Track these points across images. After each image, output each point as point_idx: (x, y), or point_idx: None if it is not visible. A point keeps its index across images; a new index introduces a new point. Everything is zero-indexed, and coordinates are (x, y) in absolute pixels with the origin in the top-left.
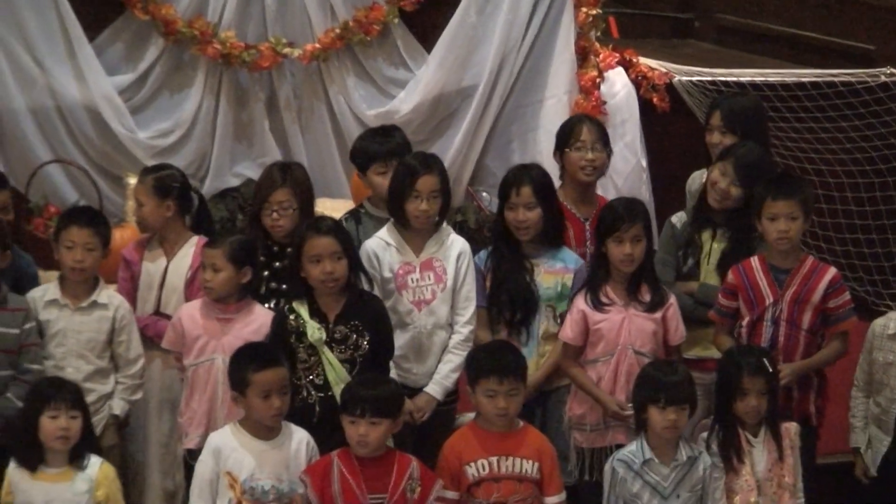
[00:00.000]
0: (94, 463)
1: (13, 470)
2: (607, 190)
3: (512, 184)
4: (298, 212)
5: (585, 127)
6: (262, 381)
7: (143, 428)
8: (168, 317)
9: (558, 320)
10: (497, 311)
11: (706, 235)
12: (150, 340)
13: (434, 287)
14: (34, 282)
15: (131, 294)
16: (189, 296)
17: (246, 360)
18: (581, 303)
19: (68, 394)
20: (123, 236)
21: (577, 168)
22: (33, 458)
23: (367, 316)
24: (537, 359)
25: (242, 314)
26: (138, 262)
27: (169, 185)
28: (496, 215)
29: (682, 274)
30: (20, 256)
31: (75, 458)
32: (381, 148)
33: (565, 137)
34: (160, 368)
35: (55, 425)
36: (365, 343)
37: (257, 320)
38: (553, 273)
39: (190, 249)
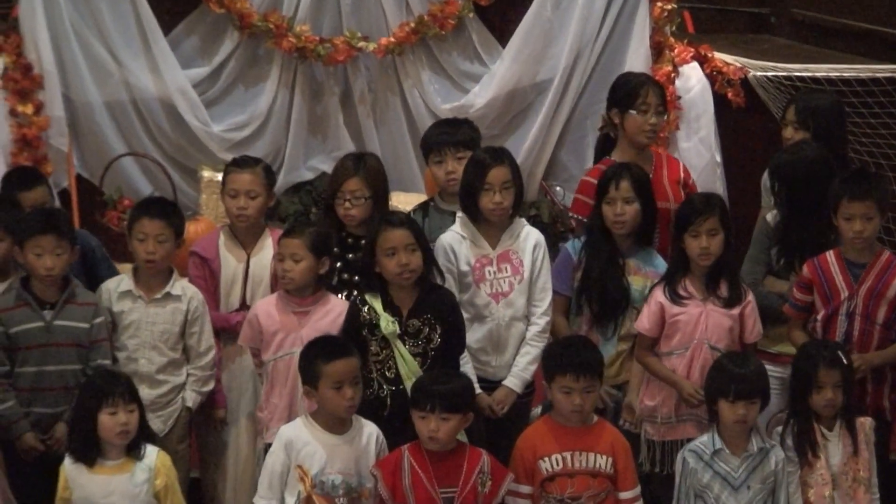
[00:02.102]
0: (151, 452)
1: (69, 466)
2: None
3: (611, 178)
4: (371, 202)
5: (651, 89)
6: (333, 372)
7: (235, 421)
8: None
9: None
10: (582, 303)
11: None
12: None
13: (511, 279)
14: (105, 263)
15: (210, 291)
16: (277, 287)
17: (316, 353)
18: (659, 294)
19: (124, 388)
20: (197, 229)
21: (639, 131)
22: (92, 454)
23: (439, 310)
24: (615, 357)
25: (319, 305)
26: (215, 257)
27: (273, 177)
28: (593, 209)
29: (775, 272)
30: (85, 238)
31: (132, 449)
32: (437, 139)
33: (628, 97)
34: (250, 362)
35: (115, 421)
36: (437, 337)
37: (334, 310)
38: (643, 276)
39: (268, 240)
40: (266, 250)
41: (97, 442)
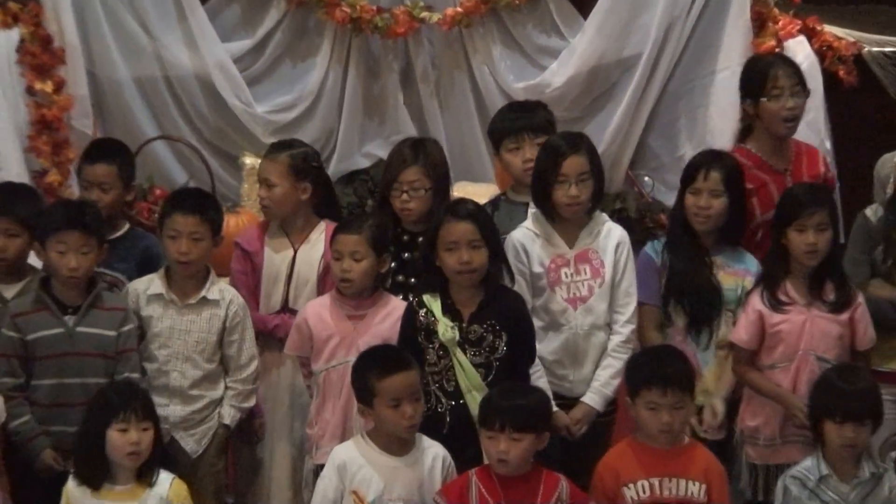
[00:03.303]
0: (165, 479)
1: (73, 488)
2: None
3: (700, 165)
4: (431, 193)
5: (781, 70)
6: (390, 387)
7: (270, 437)
8: None
9: None
10: (671, 311)
11: None
12: (281, 342)
13: (591, 282)
14: (163, 262)
15: (251, 289)
16: (323, 289)
17: (369, 366)
18: (757, 302)
19: (138, 403)
20: (238, 223)
21: (776, 119)
22: (98, 476)
23: (505, 315)
24: (715, 368)
25: (377, 308)
26: (259, 251)
27: (307, 164)
28: (675, 202)
29: (881, 274)
30: (144, 237)
31: (144, 474)
32: (513, 123)
33: (756, 84)
34: (291, 373)
35: (125, 439)
36: (502, 345)
37: (394, 313)
38: (734, 274)
39: (320, 236)
40: (315, 246)
41: (105, 463)
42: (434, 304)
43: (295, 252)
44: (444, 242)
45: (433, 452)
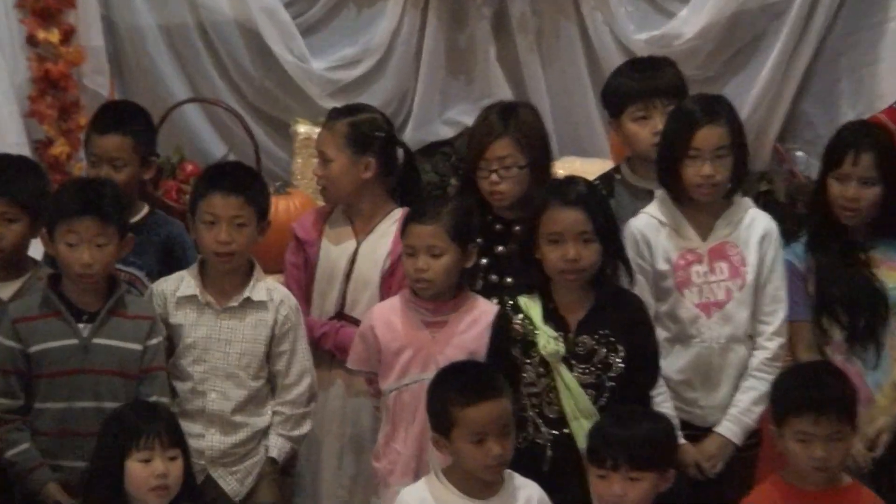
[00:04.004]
0: None
1: None
2: None
3: (848, 145)
4: (527, 172)
5: None
6: (473, 419)
7: (314, 476)
8: (356, 322)
9: None
10: (825, 324)
11: None
12: (330, 355)
13: (729, 284)
14: (191, 253)
15: (303, 287)
16: (387, 292)
17: (448, 390)
18: None
19: (162, 425)
20: (289, 207)
21: None
22: None
23: (622, 323)
24: (891, 391)
25: (462, 313)
26: (315, 241)
27: (370, 133)
28: (815, 186)
29: None
30: (167, 224)
31: None
32: (638, 85)
33: None
34: (342, 394)
35: (149, 471)
36: (618, 361)
37: (483, 319)
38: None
39: (391, 227)
40: (382, 238)
41: (123, 500)
42: (533, 309)
43: (358, 245)
44: (547, 233)
45: (526, 495)
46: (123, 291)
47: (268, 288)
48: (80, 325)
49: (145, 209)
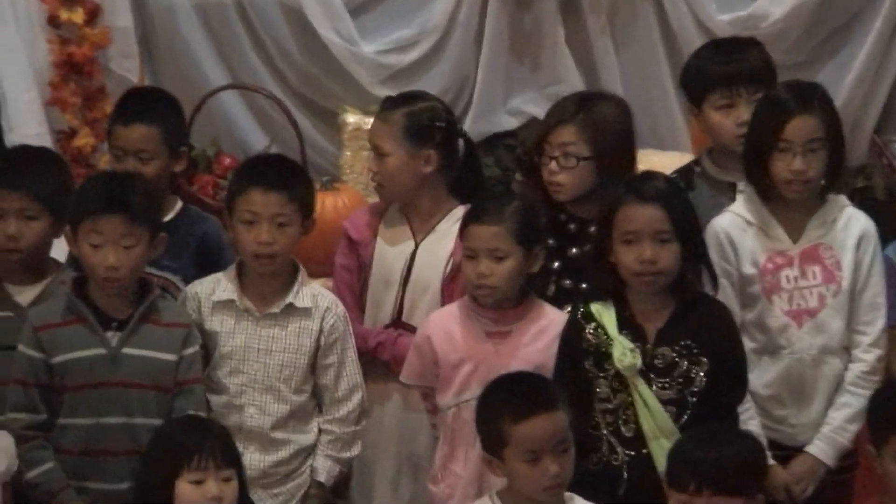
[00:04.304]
0: None
1: None
2: None
3: None
4: (592, 165)
5: None
6: (526, 435)
7: (367, 500)
8: (414, 330)
9: None
10: None
11: None
12: (387, 367)
13: (822, 290)
14: (227, 255)
15: (356, 292)
16: (448, 298)
17: (498, 403)
18: None
19: (216, 443)
20: (336, 204)
21: None
22: None
23: (706, 332)
24: None
25: (527, 322)
26: (369, 241)
27: (430, 124)
28: None
29: None
30: (202, 221)
31: None
32: (722, 69)
33: None
34: (399, 410)
35: (201, 494)
36: (701, 375)
37: (551, 329)
38: None
39: (453, 226)
40: (443, 239)
41: None
42: (607, 317)
43: (416, 246)
44: (621, 232)
45: None
46: (156, 296)
47: (313, 293)
48: (109, 334)
49: (178, 206)
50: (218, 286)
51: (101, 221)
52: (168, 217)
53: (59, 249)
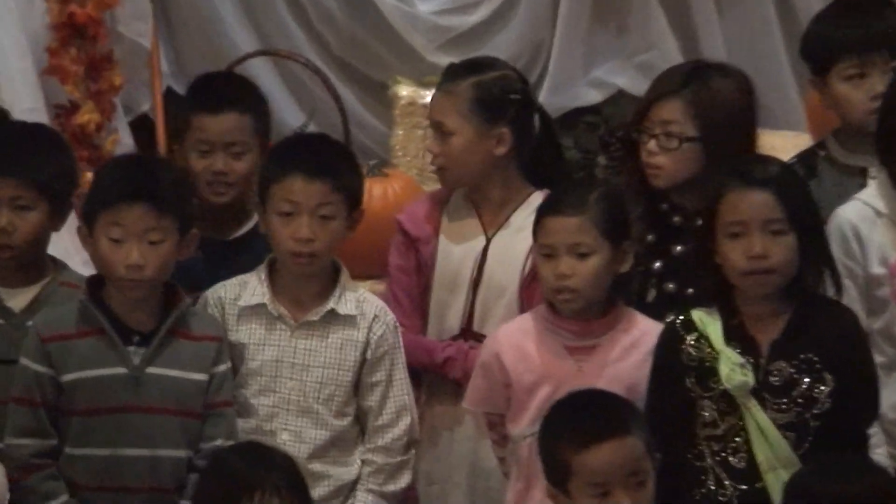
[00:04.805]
0: None
1: None
2: None
3: None
4: (697, 150)
5: None
6: (591, 465)
7: None
8: None
9: None
10: None
11: None
12: (455, 386)
13: None
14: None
15: (415, 298)
16: (528, 303)
17: (560, 428)
18: None
19: (283, 477)
20: (387, 193)
21: None
22: None
23: (830, 344)
24: None
25: (616, 333)
26: (430, 237)
27: (503, 96)
28: None
29: None
30: None
31: None
32: (852, 33)
33: None
34: (472, 436)
35: None
36: (825, 394)
37: (644, 341)
38: None
39: (530, 216)
40: (520, 232)
41: None
42: (711, 326)
43: (487, 241)
44: (726, 223)
45: None
46: (187, 306)
47: (357, 298)
48: (130, 349)
49: (254, 219)
50: (245, 289)
51: (123, 212)
52: (239, 232)
53: (56, 246)
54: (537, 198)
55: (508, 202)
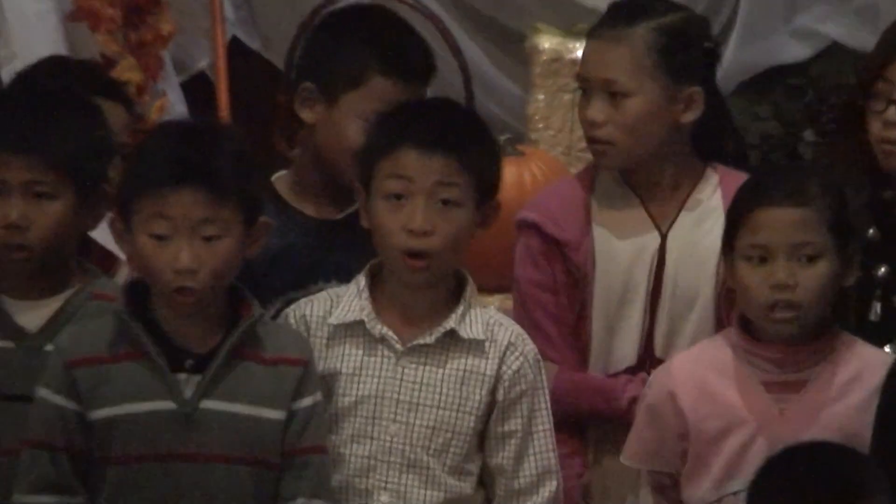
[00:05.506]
0: None
1: None
2: None
3: None
4: None
5: None
6: None
7: None
8: None
9: None
10: None
11: None
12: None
13: None
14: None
15: (563, 322)
16: (728, 315)
17: (776, 494)
18: None
19: None
20: (522, 176)
21: None
22: None
23: None
24: None
25: (831, 365)
26: (580, 239)
27: (694, 45)
28: None
29: None
30: None
31: None
32: None
33: None
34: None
35: None
36: None
37: (867, 377)
38: None
39: (713, 196)
40: (705, 222)
41: None
42: None
43: (663, 238)
44: None
45: None
46: (255, 318)
47: (487, 320)
48: (181, 377)
49: None
50: (337, 304)
51: (170, 200)
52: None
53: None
54: (713, 176)
55: (682, 183)
